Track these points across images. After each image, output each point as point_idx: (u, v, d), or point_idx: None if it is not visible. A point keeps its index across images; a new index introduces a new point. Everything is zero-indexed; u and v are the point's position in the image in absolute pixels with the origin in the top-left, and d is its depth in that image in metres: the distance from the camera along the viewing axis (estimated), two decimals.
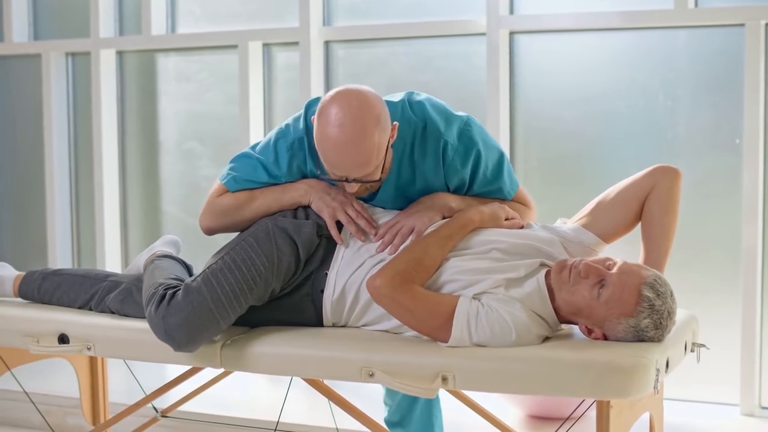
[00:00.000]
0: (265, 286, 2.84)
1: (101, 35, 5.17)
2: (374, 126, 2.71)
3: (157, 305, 2.81)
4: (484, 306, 2.65)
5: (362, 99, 2.74)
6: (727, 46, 4.10)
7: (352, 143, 2.69)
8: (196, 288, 2.81)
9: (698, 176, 4.15)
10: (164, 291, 2.85)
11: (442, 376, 2.58)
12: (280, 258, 2.85)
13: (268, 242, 2.86)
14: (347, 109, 2.71)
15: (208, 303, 2.78)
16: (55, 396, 4.44)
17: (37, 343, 3.05)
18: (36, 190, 5.47)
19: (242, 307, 2.82)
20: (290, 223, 2.91)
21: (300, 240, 2.88)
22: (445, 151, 2.92)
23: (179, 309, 2.78)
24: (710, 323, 3.93)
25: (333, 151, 2.73)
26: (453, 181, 2.97)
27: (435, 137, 2.91)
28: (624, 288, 2.61)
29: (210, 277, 2.82)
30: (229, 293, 2.79)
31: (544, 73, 4.40)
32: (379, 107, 2.75)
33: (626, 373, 2.45)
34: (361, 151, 2.71)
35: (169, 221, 5.24)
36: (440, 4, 4.57)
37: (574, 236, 2.90)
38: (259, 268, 2.83)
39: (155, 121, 5.24)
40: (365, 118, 2.71)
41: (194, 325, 2.77)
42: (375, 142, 2.72)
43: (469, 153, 2.94)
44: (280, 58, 4.92)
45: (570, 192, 4.35)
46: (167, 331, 2.78)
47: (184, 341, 2.78)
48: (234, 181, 3.02)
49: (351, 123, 2.69)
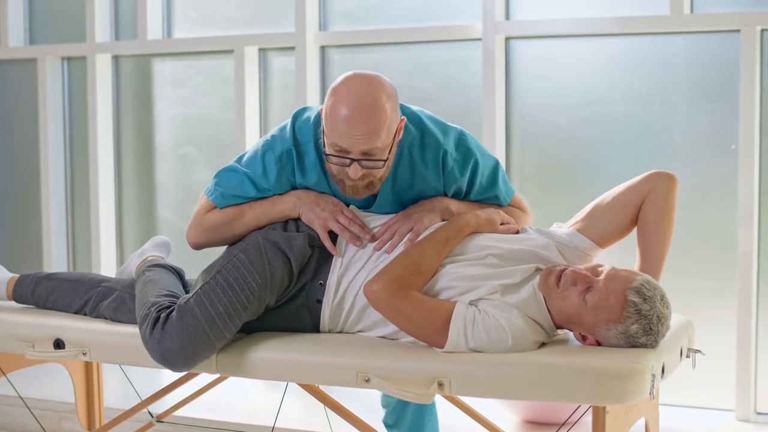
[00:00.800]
0: (259, 302, 2.83)
1: (97, 40, 5.17)
2: (387, 99, 2.74)
3: (151, 328, 2.80)
4: (481, 312, 2.65)
5: (375, 77, 2.79)
6: (723, 52, 4.10)
7: (365, 110, 2.70)
8: (189, 310, 2.79)
9: (694, 181, 4.15)
10: (157, 313, 2.83)
11: (438, 382, 2.58)
12: (273, 274, 2.84)
13: (259, 258, 2.85)
14: (361, 82, 2.75)
15: (203, 325, 2.77)
16: (51, 401, 4.44)
17: (33, 348, 3.05)
18: (31, 194, 5.47)
19: (237, 325, 2.81)
20: (281, 236, 2.90)
21: (292, 253, 2.87)
22: (445, 160, 2.93)
23: (174, 334, 2.77)
24: (705, 328, 3.93)
25: (343, 121, 2.71)
26: (451, 189, 2.98)
27: (434, 146, 2.92)
28: (610, 294, 2.60)
29: (203, 298, 2.80)
30: (223, 314, 2.78)
31: (540, 79, 4.40)
32: (391, 89, 2.79)
33: (622, 379, 2.45)
34: (372, 119, 2.71)
35: (165, 226, 5.24)
36: (436, 10, 4.57)
37: (569, 241, 2.90)
38: (252, 286, 2.82)
39: (151, 126, 5.24)
40: (378, 90, 2.74)
41: (190, 348, 2.76)
42: (387, 113, 2.73)
43: (468, 162, 2.95)
44: (276, 63, 4.92)
45: (566, 197, 4.35)
46: (163, 355, 2.78)
47: (180, 364, 2.79)
48: (222, 197, 2.99)
49: (365, 92, 2.72)
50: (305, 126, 2.95)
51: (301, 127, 2.94)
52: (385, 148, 2.77)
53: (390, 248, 2.85)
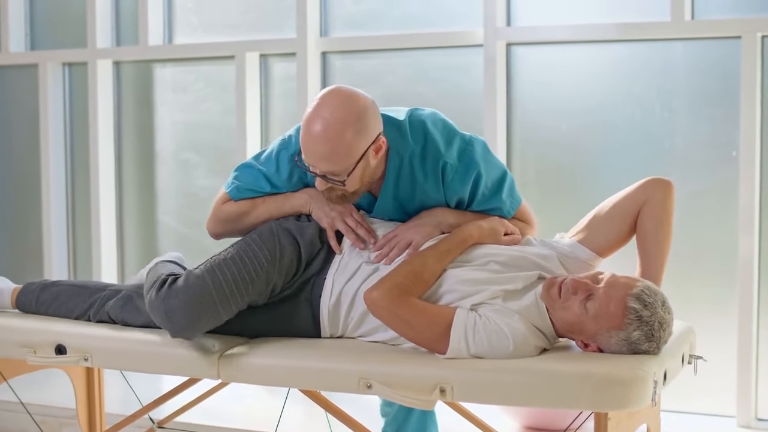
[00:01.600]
0: (267, 279, 2.86)
1: (98, 45, 5.17)
2: (349, 125, 2.75)
3: (158, 289, 2.84)
4: (482, 317, 2.65)
5: (349, 98, 2.79)
6: (723, 59, 4.11)
7: (322, 133, 2.75)
8: (198, 274, 2.84)
9: (694, 188, 4.15)
10: (166, 277, 2.88)
11: (440, 388, 2.58)
12: (282, 253, 2.88)
13: (271, 238, 2.90)
14: (332, 101, 2.78)
15: (210, 289, 2.80)
16: (52, 407, 4.44)
17: (35, 353, 3.05)
18: (32, 200, 5.47)
19: (243, 298, 2.83)
20: (293, 224, 2.96)
21: (302, 240, 2.92)
22: (444, 171, 2.93)
23: (180, 292, 2.80)
24: (706, 334, 3.93)
25: (305, 136, 2.78)
26: (453, 200, 2.99)
27: (434, 157, 2.92)
28: (610, 301, 2.61)
29: (213, 266, 2.86)
30: (231, 282, 2.82)
31: (541, 85, 4.40)
32: (363, 111, 2.78)
33: (624, 385, 2.45)
34: (328, 144, 2.75)
35: (166, 231, 5.24)
36: (437, 16, 4.58)
37: (570, 252, 2.90)
38: (262, 261, 2.86)
39: (152, 132, 5.24)
40: (345, 115, 2.76)
41: (194, 308, 2.78)
42: (345, 141, 2.75)
43: (469, 173, 2.94)
44: (277, 68, 4.92)
45: (567, 203, 4.36)
46: (167, 312, 2.79)
47: (183, 324, 2.79)
48: (237, 190, 3.07)
49: (330, 114, 2.75)
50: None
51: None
52: (345, 171, 2.80)
53: (388, 261, 2.86)
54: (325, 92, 2.81)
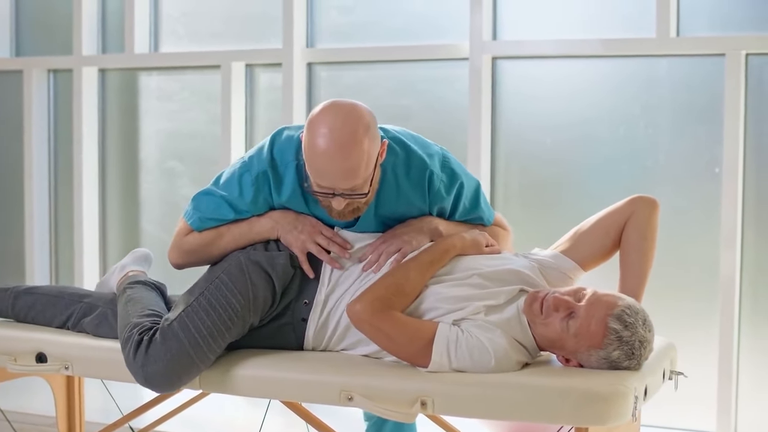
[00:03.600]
0: (243, 323, 2.83)
1: (84, 53, 5.16)
2: (364, 133, 2.69)
3: (134, 351, 2.79)
4: (464, 332, 2.65)
5: (351, 108, 2.73)
6: (708, 76, 4.12)
7: (342, 149, 2.66)
8: (173, 333, 2.78)
9: (678, 204, 4.17)
10: (140, 336, 2.81)
11: (421, 401, 2.58)
12: (255, 294, 2.83)
13: (242, 279, 2.84)
14: (337, 116, 2.69)
15: (186, 348, 2.76)
16: (31, 414, 4.42)
17: (15, 361, 3.04)
18: (15, 207, 5.45)
19: (221, 347, 2.80)
20: (263, 255, 2.89)
21: (275, 273, 2.87)
22: (431, 181, 2.91)
23: (158, 357, 2.76)
24: (687, 350, 3.94)
25: (321, 159, 2.69)
26: (435, 209, 2.98)
27: (420, 168, 2.90)
28: (591, 320, 2.61)
29: (186, 321, 2.79)
30: (207, 336, 2.77)
31: (526, 99, 4.41)
32: (369, 117, 2.74)
33: (605, 401, 2.46)
34: (351, 158, 2.67)
35: (149, 240, 5.23)
36: (423, 29, 4.59)
37: (552, 262, 2.91)
38: (235, 307, 2.81)
39: (136, 140, 5.23)
40: (355, 124, 2.69)
41: (174, 372, 2.76)
42: (365, 150, 2.69)
43: (453, 183, 2.95)
44: (263, 78, 4.92)
45: (550, 217, 4.36)
46: (147, 379, 2.78)
47: (165, 386, 2.79)
48: (199, 221, 3.01)
49: (340, 128, 2.67)
50: (287, 146, 2.92)
51: (281, 147, 2.92)
52: (366, 181, 2.75)
53: (377, 269, 2.85)
54: (323, 111, 2.73)
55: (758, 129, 4.05)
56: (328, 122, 2.69)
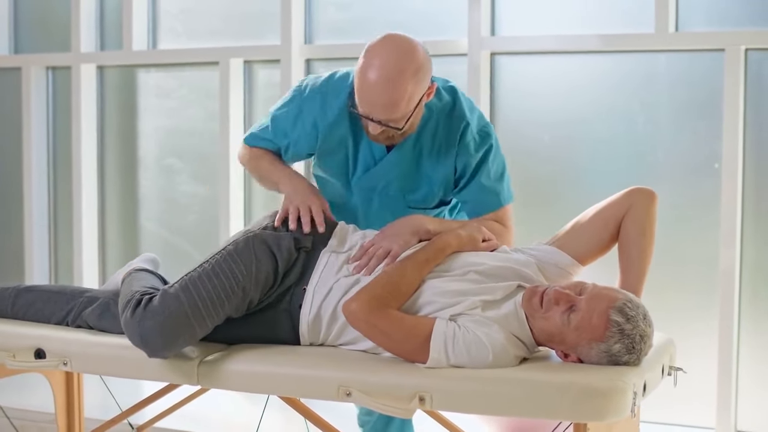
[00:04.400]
0: (243, 295, 2.83)
1: (82, 50, 5.16)
2: (411, 75, 2.83)
3: (133, 310, 2.80)
4: (461, 327, 2.64)
5: (408, 48, 2.87)
6: (707, 71, 4.12)
7: (385, 85, 2.82)
8: (173, 294, 2.80)
9: (677, 200, 4.17)
10: (140, 296, 2.83)
11: (419, 397, 2.58)
12: (259, 268, 2.85)
13: (247, 252, 2.87)
14: (391, 52, 2.85)
15: (185, 308, 2.76)
16: (31, 411, 4.42)
17: (14, 357, 3.03)
18: (14, 205, 5.45)
19: (219, 315, 2.81)
20: (270, 235, 2.92)
21: (279, 252, 2.88)
22: (465, 132, 3.05)
23: (155, 313, 2.76)
24: (687, 346, 3.94)
25: (366, 87, 2.84)
26: (460, 163, 3.07)
27: (459, 118, 3.05)
28: (593, 313, 2.60)
29: (188, 284, 2.81)
30: (207, 300, 2.78)
31: (524, 95, 4.41)
32: (421, 59, 2.87)
33: (604, 396, 2.45)
34: (391, 95, 2.82)
35: (148, 237, 5.23)
36: (422, 25, 4.58)
37: (549, 258, 2.90)
38: (237, 277, 2.82)
39: (135, 137, 5.23)
40: (405, 65, 2.83)
41: (170, 329, 2.75)
42: (407, 91, 2.84)
43: (484, 144, 3.07)
44: (261, 75, 4.92)
45: (548, 214, 4.36)
46: (142, 335, 2.76)
47: (159, 346, 2.76)
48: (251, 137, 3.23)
49: (390, 64, 2.82)
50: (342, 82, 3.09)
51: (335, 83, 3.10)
52: (404, 117, 2.88)
53: (367, 272, 2.85)
54: (379, 43, 2.88)
55: (758, 124, 4.05)
56: (382, 55, 2.84)
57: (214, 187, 5.01)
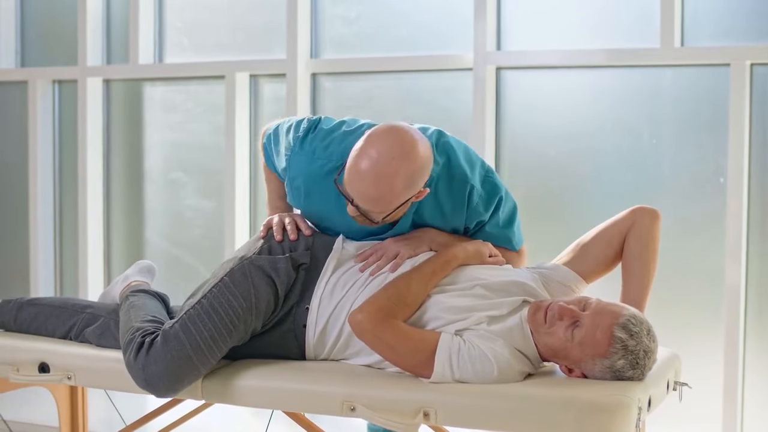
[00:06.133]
0: (245, 327, 2.82)
1: (88, 63, 5.17)
2: (404, 178, 2.69)
3: (135, 353, 2.79)
4: (466, 342, 2.64)
5: (409, 147, 2.71)
6: (712, 86, 4.12)
7: (374, 180, 2.68)
8: (174, 335, 2.78)
9: (682, 214, 4.16)
10: (142, 338, 2.81)
11: (423, 412, 2.58)
12: (258, 298, 2.83)
13: (244, 282, 2.85)
14: (390, 148, 2.69)
15: (187, 350, 2.76)
16: (35, 425, 4.41)
17: (17, 371, 3.04)
18: (20, 217, 5.45)
19: (222, 351, 2.80)
20: (266, 260, 2.90)
21: (278, 277, 2.87)
22: (471, 195, 2.92)
23: (158, 358, 2.76)
24: (692, 361, 3.93)
25: (354, 174, 2.70)
26: (471, 221, 2.98)
27: (461, 180, 2.90)
28: (597, 329, 2.60)
29: (188, 323, 2.80)
30: (208, 339, 2.77)
31: (529, 109, 4.41)
32: (420, 163, 2.72)
33: (608, 412, 2.45)
34: (378, 191, 2.69)
35: (153, 251, 5.23)
36: (427, 39, 4.58)
37: (554, 275, 2.91)
38: (237, 311, 2.81)
39: (141, 150, 5.24)
40: (400, 166, 2.68)
41: (174, 373, 2.75)
42: (395, 192, 2.70)
43: (492, 199, 2.96)
44: (267, 89, 4.92)
45: (554, 229, 4.35)
46: (147, 380, 2.77)
47: (164, 390, 2.77)
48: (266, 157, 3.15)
49: (385, 162, 2.68)
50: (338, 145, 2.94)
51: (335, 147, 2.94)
52: (382, 213, 2.76)
53: (375, 270, 2.85)
54: (381, 133, 2.73)
55: (763, 139, 4.05)
56: (380, 148, 2.69)
57: (219, 202, 5.01)
